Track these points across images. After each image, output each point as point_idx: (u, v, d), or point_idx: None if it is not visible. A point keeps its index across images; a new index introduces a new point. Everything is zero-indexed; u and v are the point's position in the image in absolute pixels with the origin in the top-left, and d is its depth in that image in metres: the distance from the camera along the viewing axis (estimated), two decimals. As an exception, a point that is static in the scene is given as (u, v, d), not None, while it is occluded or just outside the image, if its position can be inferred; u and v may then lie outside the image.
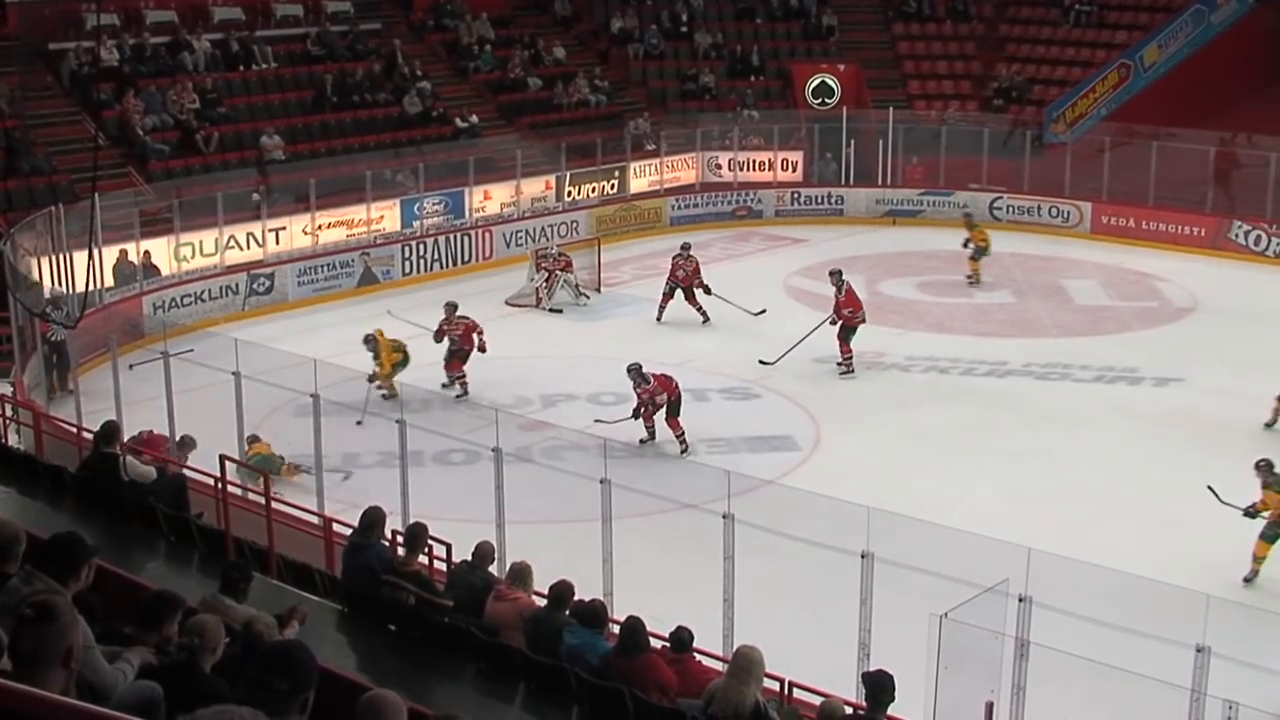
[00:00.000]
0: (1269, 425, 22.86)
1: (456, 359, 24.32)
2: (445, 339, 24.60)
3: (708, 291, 29.02)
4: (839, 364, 25.74)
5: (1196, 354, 27.07)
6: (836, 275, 26.37)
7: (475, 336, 24.46)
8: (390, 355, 23.48)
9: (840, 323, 25.78)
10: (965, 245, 32.21)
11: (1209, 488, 18.04)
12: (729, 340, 27.62)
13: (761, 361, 25.73)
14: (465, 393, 23.76)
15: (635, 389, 22.06)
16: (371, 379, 22.92)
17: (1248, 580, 17.42)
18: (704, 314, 29.01)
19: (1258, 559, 17.56)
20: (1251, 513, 17.54)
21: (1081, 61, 42.57)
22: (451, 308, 24.79)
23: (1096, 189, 37.08)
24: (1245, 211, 35.12)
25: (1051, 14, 44.20)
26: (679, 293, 29.23)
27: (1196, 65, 41.32)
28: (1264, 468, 17.61)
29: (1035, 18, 44.55)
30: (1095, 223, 36.92)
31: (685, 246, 29.73)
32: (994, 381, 25.70)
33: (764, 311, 28.82)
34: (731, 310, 29.20)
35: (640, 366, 22.08)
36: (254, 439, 20.35)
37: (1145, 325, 29.70)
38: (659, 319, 29.25)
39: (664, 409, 21.93)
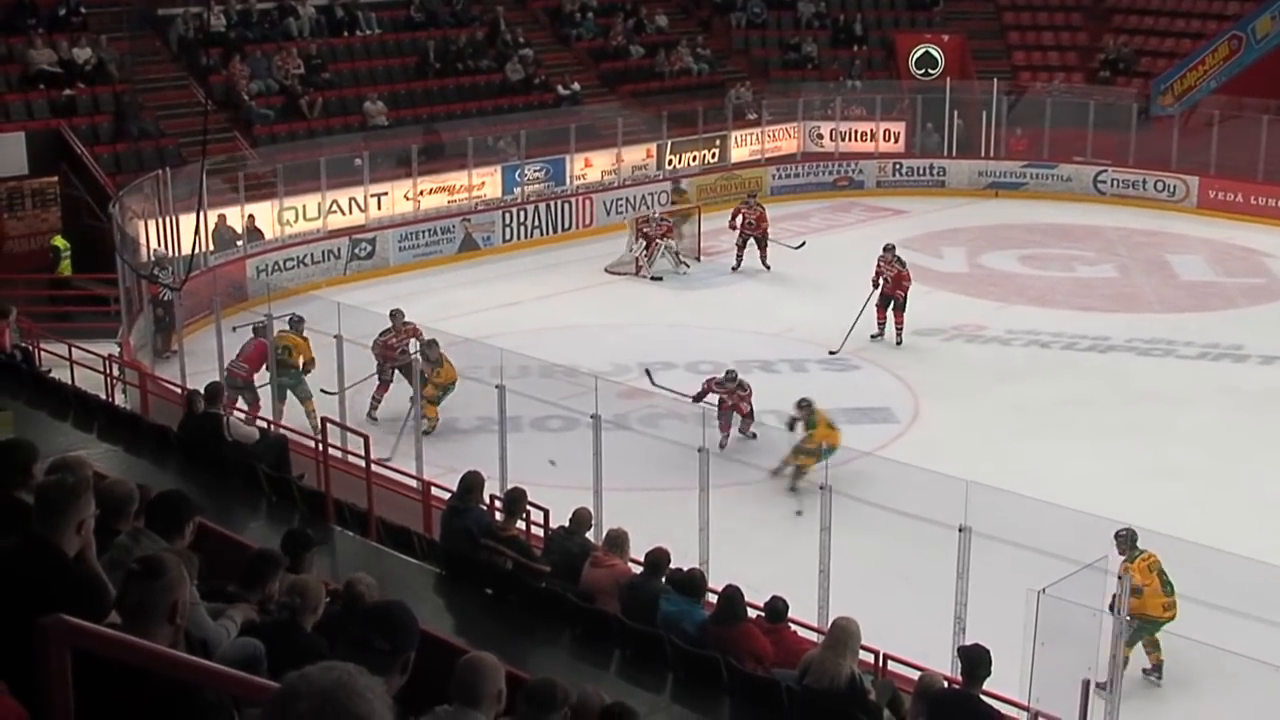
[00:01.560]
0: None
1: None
2: (393, 356, 21.58)
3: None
4: (899, 334, 25.70)
5: None
6: (893, 250, 26.05)
7: (416, 341, 21.87)
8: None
9: (891, 293, 25.58)
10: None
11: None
12: (828, 311, 27.27)
13: (831, 352, 25.24)
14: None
15: (726, 392, 20.81)
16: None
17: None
18: (766, 263, 30.18)
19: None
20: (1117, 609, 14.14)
21: (1191, 33, 42.02)
22: (399, 315, 22.07)
23: (1204, 163, 36.70)
24: None
25: (1161, -16, 43.66)
26: (752, 241, 30.20)
27: (1312, 37, 40.60)
28: (1123, 538, 14.52)
29: (1144, -12, 44.01)
30: (1202, 197, 36.49)
31: (751, 195, 30.79)
32: (1096, 357, 25.57)
33: (804, 244, 29.68)
34: (834, 282, 29.10)
35: (736, 374, 21.04)
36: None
37: (1251, 302, 29.43)
38: (736, 268, 30.36)
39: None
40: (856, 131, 39.67)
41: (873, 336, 25.64)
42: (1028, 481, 16.48)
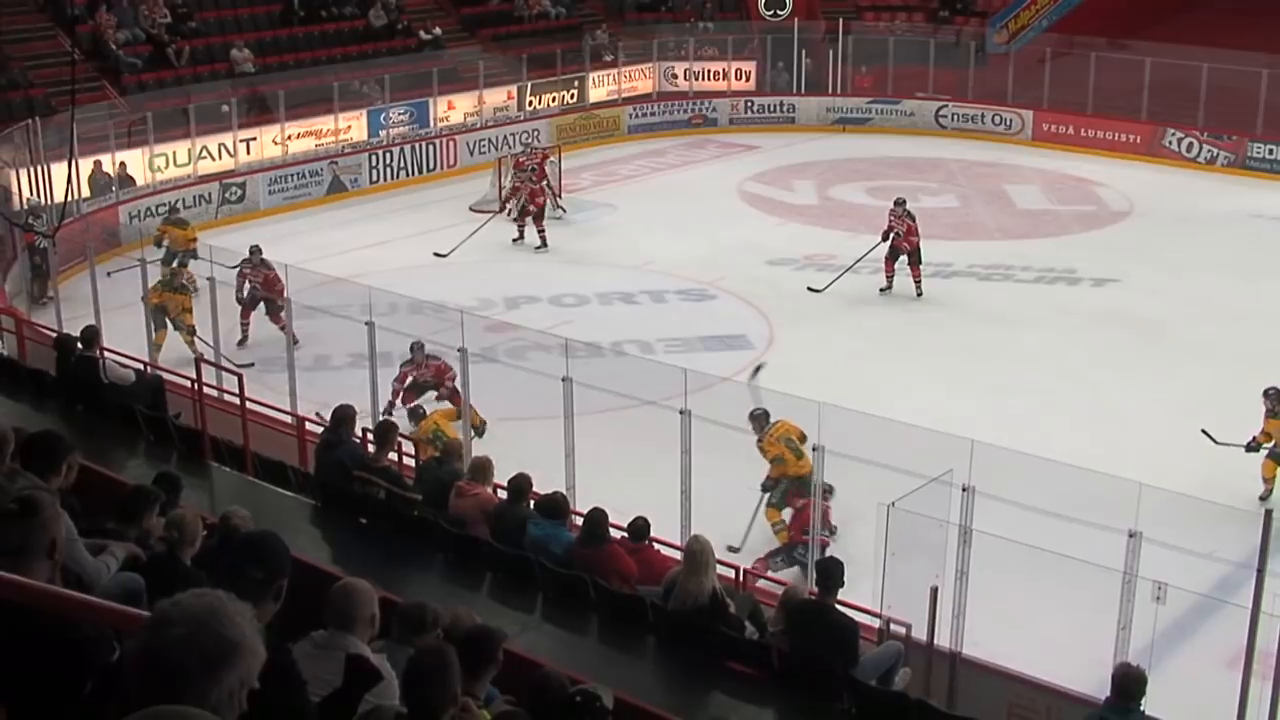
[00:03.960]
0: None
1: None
2: (409, 393, 19.50)
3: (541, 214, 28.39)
4: (918, 286, 25.40)
5: (1132, 255, 27.66)
6: (904, 204, 25.74)
7: (448, 383, 19.33)
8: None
9: (899, 246, 25.29)
10: (159, 244, 25.36)
11: (1203, 431, 17.74)
12: (686, 244, 28.07)
13: (810, 289, 25.46)
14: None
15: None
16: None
17: (1263, 499, 17.06)
18: (543, 238, 28.16)
19: (1267, 480, 17.42)
20: (1254, 446, 17.34)
21: (1024, -28, 42.95)
22: (419, 349, 19.61)
23: (1038, 97, 37.72)
24: (1178, 120, 35.81)
25: (996, -75, 44.49)
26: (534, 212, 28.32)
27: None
28: (1273, 396, 17.24)
29: (981, -71, 44.76)
30: (1036, 130, 37.60)
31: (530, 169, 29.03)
32: (939, 283, 26.06)
33: (452, 252, 27.12)
34: (691, 216, 30.05)
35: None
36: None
37: (1084, 228, 30.33)
38: (518, 239, 28.37)
39: None
40: (709, 71, 40.25)
41: (881, 290, 25.48)
42: (877, 402, 16.85)
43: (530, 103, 37.36)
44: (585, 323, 22.86)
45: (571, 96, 38.35)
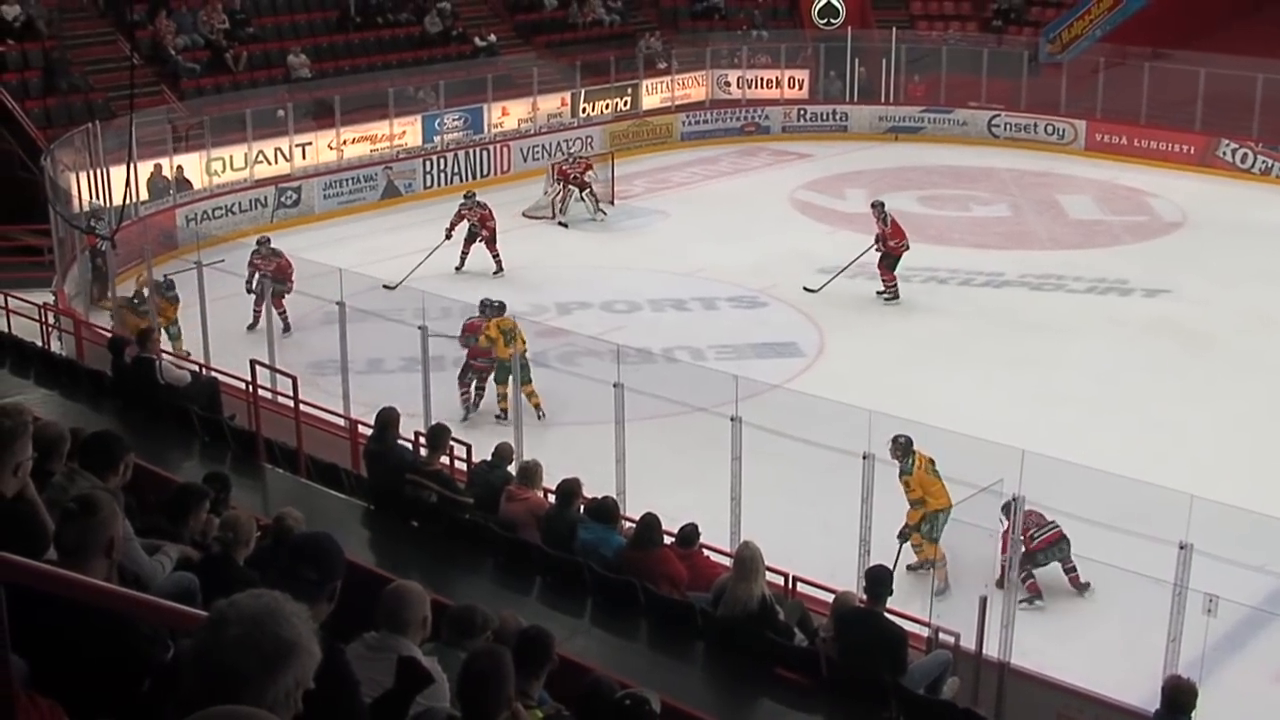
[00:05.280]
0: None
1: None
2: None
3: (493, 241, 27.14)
4: (879, 292, 25.51)
5: (1184, 266, 27.55)
6: (879, 207, 25.79)
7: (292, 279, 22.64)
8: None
9: (884, 252, 25.46)
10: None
11: None
12: (738, 251, 28.04)
13: (806, 289, 25.71)
14: None
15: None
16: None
17: None
18: (499, 263, 26.98)
19: None
20: None
21: (1079, -16, 42.88)
22: (265, 241, 23.65)
23: (1091, 107, 37.63)
24: (1233, 130, 35.63)
25: (1050, -64, 44.43)
26: (479, 241, 27.01)
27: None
28: None
29: (1035, -61, 44.75)
30: (1089, 140, 37.50)
31: (469, 195, 27.45)
32: (991, 292, 26.18)
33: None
34: (742, 224, 29.91)
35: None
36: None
37: (1136, 239, 30.24)
38: (460, 267, 26.91)
39: None
40: (762, 79, 40.40)
41: (879, 294, 25.53)
42: (927, 410, 16.74)
43: (584, 109, 37.54)
44: (637, 328, 22.94)
45: (625, 103, 38.55)
